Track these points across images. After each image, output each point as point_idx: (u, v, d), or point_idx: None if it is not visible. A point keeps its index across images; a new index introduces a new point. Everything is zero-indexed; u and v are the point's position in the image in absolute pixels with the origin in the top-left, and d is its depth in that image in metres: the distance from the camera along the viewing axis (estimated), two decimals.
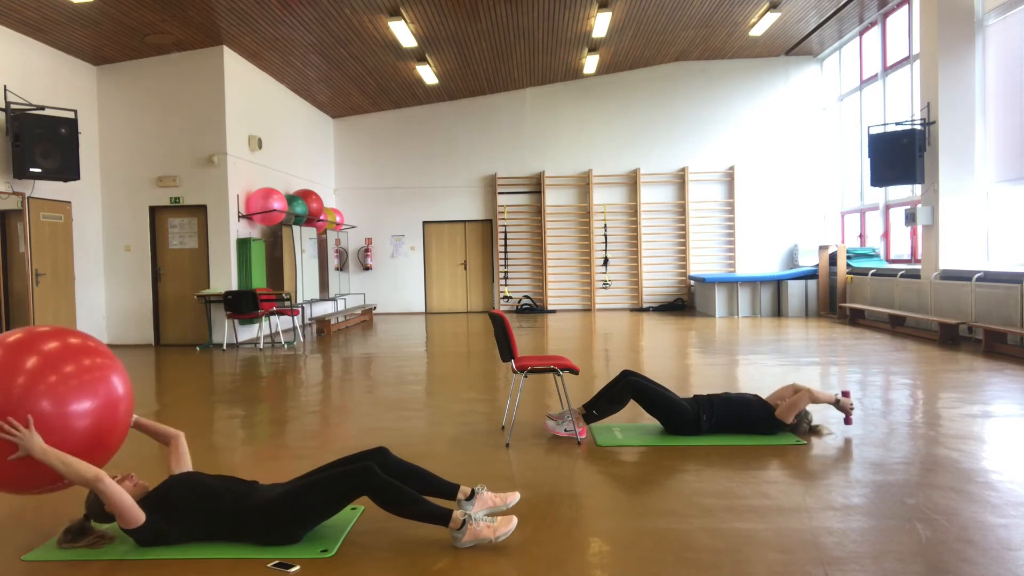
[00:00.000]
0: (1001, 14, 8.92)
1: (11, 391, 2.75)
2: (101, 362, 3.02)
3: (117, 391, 3.03)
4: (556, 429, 4.64)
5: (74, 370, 2.89)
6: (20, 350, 2.85)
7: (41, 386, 2.79)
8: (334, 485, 2.93)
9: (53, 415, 2.78)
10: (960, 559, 2.72)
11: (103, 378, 2.98)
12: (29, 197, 8.89)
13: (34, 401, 2.76)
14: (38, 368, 2.82)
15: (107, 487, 2.79)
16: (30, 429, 2.72)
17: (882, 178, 9.98)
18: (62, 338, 2.99)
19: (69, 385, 2.85)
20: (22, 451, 2.72)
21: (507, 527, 2.90)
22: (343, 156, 15.52)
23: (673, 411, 4.55)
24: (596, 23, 11.02)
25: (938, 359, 7.58)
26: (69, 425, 2.82)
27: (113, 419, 2.99)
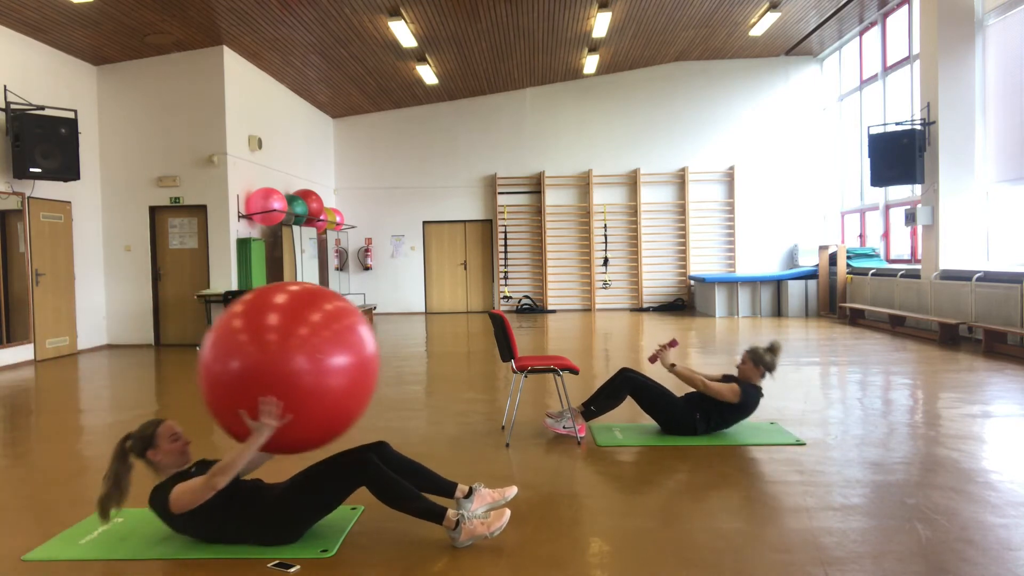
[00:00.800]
0: (1001, 14, 8.92)
1: (265, 349, 2.73)
2: (353, 320, 3.00)
3: (370, 347, 3.03)
4: (555, 426, 4.64)
5: (328, 326, 2.88)
6: (272, 307, 2.86)
7: (294, 341, 2.77)
8: (333, 477, 2.93)
9: (310, 372, 2.76)
10: (960, 559, 2.72)
11: (357, 333, 2.97)
12: (29, 197, 8.89)
13: (290, 358, 2.74)
14: (292, 325, 2.81)
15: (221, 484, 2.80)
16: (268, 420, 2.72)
17: (882, 178, 9.98)
18: (313, 295, 2.99)
19: (323, 339, 2.83)
20: (268, 430, 2.72)
21: (500, 521, 2.91)
22: (343, 156, 15.52)
23: (669, 409, 4.55)
24: (596, 23, 11.02)
25: (938, 359, 7.58)
26: (325, 383, 2.80)
27: (368, 376, 2.99)
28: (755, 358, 4.54)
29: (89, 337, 10.14)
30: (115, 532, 3.15)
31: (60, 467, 4.25)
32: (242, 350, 2.76)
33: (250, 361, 2.74)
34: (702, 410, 4.52)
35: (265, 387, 2.71)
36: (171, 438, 2.98)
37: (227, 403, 2.79)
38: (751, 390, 4.51)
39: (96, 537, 3.09)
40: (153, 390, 6.88)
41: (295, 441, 2.88)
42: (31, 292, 8.92)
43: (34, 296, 8.97)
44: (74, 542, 3.04)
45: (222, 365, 2.78)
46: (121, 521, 3.28)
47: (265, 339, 2.77)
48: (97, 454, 4.53)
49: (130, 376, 7.72)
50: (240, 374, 2.74)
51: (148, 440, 2.96)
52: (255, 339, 2.77)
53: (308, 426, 2.83)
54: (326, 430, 2.92)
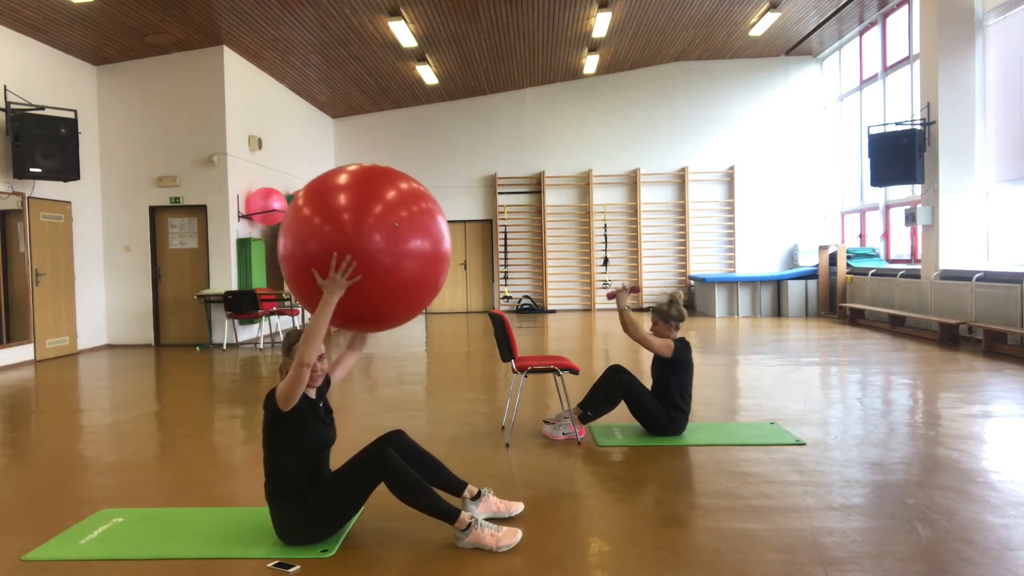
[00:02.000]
0: (1001, 14, 8.92)
1: (342, 229, 2.74)
2: (430, 206, 2.98)
3: (445, 234, 3.02)
4: (554, 434, 4.63)
5: (407, 208, 2.87)
6: (345, 188, 2.85)
7: (370, 219, 2.77)
8: (355, 474, 2.93)
9: (386, 252, 2.77)
10: (960, 559, 2.72)
11: (433, 218, 2.96)
12: (29, 197, 8.89)
13: (368, 237, 2.74)
14: (369, 205, 2.80)
15: (306, 372, 2.80)
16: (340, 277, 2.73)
17: (882, 178, 9.98)
18: (392, 178, 2.96)
19: (404, 223, 2.82)
20: (340, 289, 2.74)
21: (511, 540, 2.90)
22: (343, 156, 15.52)
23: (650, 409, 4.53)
24: (596, 23, 11.02)
25: (938, 359, 7.58)
26: (401, 265, 2.81)
27: (442, 262, 2.99)
28: (661, 316, 4.60)
29: (89, 337, 10.14)
30: (115, 532, 3.15)
31: (60, 467, 4.25)
32: (319, 232, 2.76)
33: (330, 240, 2.74)
34: (665, 400, 4.53)
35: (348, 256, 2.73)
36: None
37: (310, 282, 2.80)
38: (679, 344, 4.58)
39: (96, 537, 3.09)
40: (153, 390, 6.88)
41: (366, 311, 2.87)
42: (31, 292, 8.92)
43: (34, 296, 8.97)
44: (74, 542, 3.04)
45: (302, 249, 2.79)
46: (121, 521, 3.28)
47: (341, 218, 2.76)
48: (97, 454, 4.53)
49: (130, 376, 7.72)
50: (318, 253, 2.75)
51: (291, 344, 3.01)
52: (331, 219, 2.77)
53: (381, 296, 2.82)
54: (399, 303, 2.90)
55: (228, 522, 3.22)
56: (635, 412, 4.59)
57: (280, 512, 2.92)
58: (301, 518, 2.91)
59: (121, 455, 4.47)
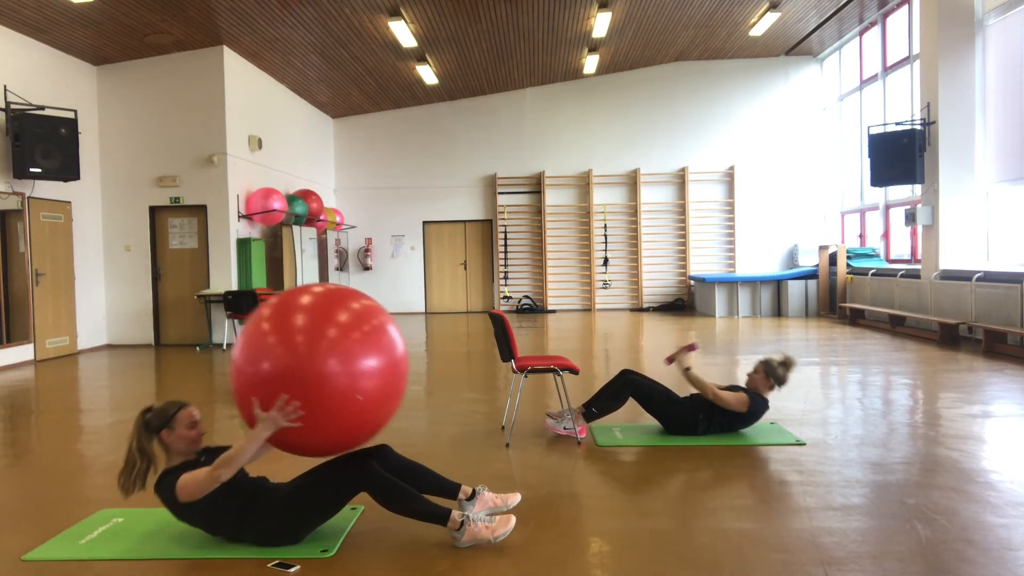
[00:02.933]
0: (1001, 14, 8.92)
1: (295, 352, 2.76)
2: (382, 320, 3.01)
3: (399, 348, 3.04)
4: (556, 427, 4.64)
5: (358, 327, 2.90)
6: (301, 309, 2.89)
7: (324, 343, 2.79)
8: (335, 483, 2.92)
9: (341, 374, 2.79)
10: (960, 559, 2.72)
11: (387, 334, 2.99)
12: (29, 197, 8.89)
13: (322, 361, 2.76)
14: (323, 327, 2.83)
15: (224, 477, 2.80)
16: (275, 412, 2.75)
17: (882, 178, 9.98)
18: (342, 296, 3.01)
19: (353, 341, 2.85)
20: (269, 422, 2.76)
21: (505, 527, 2.90)
22: (343, 156, 15.52)
23: (672, 410, 4.56)
24: (596, 23, 11.02)
25: (938, 359, 7.58)
26: (357, 385, 2.83)
27: (398, 377, 3.02)
28: (767, 370, 4.55)
29: (89, 337, 10.14)
30: (115, 532, 3.15)
31: (60, 467, 4.25)
32: (272, 352, 2.79)
33: (280, 363, 2.77)
34: (705, 411, 4.53)
35: (295, 389, 2.74)
36: (189, 424, 2.95)
37: (252, 402, 2.84)
38: (758, 400, 4.53)
39: (96, 537, 3.09)
40: (153, 390, 6.88)
41: (322, 442, 2.90)
42: (31, 292, 8.92)
43: (34, 296, 8.97)
44: (74, 542, 3.04)
45: (253, 367, 2.82)
46: (121, 521, 3.28)
47: (294, 341, 2.79)
48: (97, 454, 4.53)
49: (130, 376, 7.72)
50: (270, 376, 2.78)
51: (167, 420, 2.95)
52: (284, 341, 2.80)
53: (335, 429, 2.86)
54: (353, 434, 2.94)
55: None
56: (650, 410, 4.61)
57: (242, 538, 2.94)
58: (265, 529, 2.92)
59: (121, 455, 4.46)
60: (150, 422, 2.95)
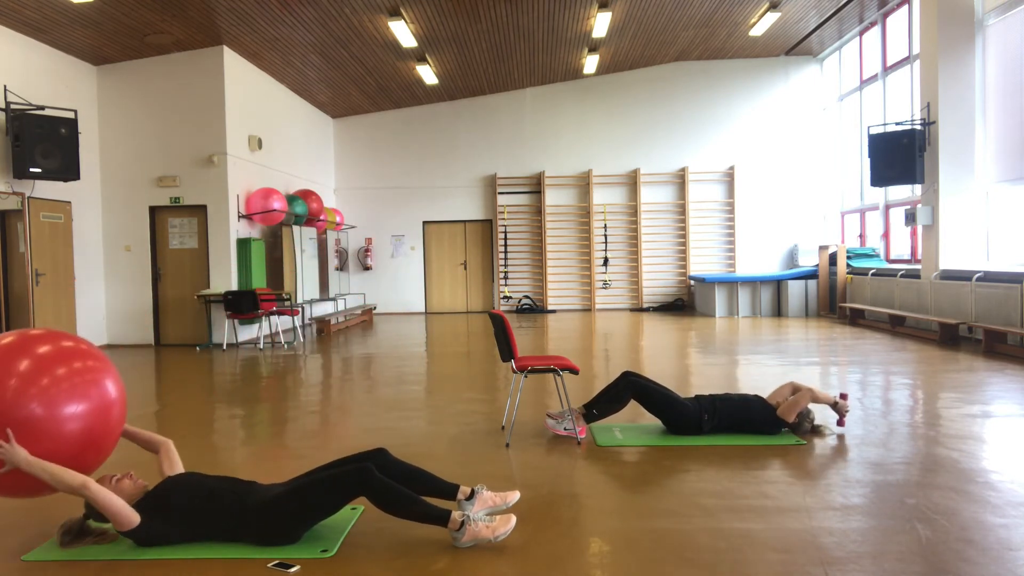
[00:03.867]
0: (1001, 14, 8.92)
1: (2, 395, 2.73)
2: (93, 365, 3.00)
3: (110, 395, 3.02)
4: (556, 428, 4.64)
5: (66, 373, 2.87)
6: (11, 353, 2.84)
7: (32, 389, 2.77)
8: (331, 486, 2.92)
9: (44, 418, 2.77)
10: (960, 559, 2.72)
11: (95, 381, 2.97)
12: (29, 197, 8.89)
13: (25, 404, 2.74)
14: (29, 371, 2.80)
15: (94, 493, 2.79)
16: (11, 443, 2.71)
17: (882, 178, 9.98)
18: (54, 341, 2.97)
19: (61, 388, 2.83)
20: (8, 465, 2.72)
21: (506, 526, 2.90)
22: (343, 156, 15.52)
23: (675, 410, 4.56)
24: (596, 23, 11.02)
25: (938, 359, 7.58)
26: (60, 429, 2.81)
27: (106, 423, 2.98)
28: (802, 414, 4.54)
29: (89, 337, 10.14)
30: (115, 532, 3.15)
31: None
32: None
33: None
34: (710, 411, 4.54)
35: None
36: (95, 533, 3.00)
37: None
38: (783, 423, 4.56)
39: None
40: (153, 390, 6.88)
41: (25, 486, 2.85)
42: (31, 292, 8.91)
43: (34, 296, 8.97)
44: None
45: None
46: None
47: (5, 384, 2.74)
48: None
49: (130, 376, 7.72)
50: None
51: (83, 530, 3.01)
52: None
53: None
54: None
55: None
56: (654, 411, 4.61)
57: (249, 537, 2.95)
58: (264, 531, 2.93)
59: (121, 455, 4.47)
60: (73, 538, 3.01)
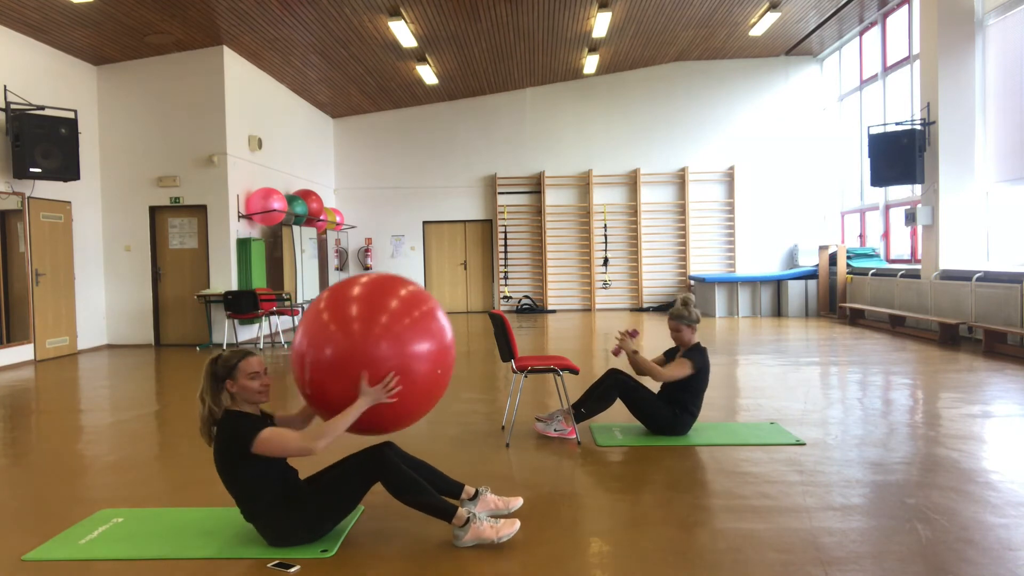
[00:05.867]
0: (1001, 14, 8.92)
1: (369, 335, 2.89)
2: (431, 307, 3.15)
3: (448, 335, 3.18)
4: (545, 430, 4.64)
5: (415, 316, 3.03)
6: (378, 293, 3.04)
7: (396, 327, 2.95)
8: (351, 474, 2.94)
9: (396, 356, 2.92)
10: (960, 559, 2.72)
11: (439, 323, 3.13)
12: (29, 197, 8.89)
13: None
14: (393, 314, 2.98)
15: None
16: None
17: (882, 178, 9.98)
18: (402, 287, 3.14)
19: (415, 329, 3.00)
20: (372, 397, 2.87)
21: (510, 529, 2.91)
22: (343, 156, 15.52)
23: (657, 411, 4.54)
24: (596, 23, 11.02)
25: (938, 359, 7.58)
26: (412, 366, 2.96)
27: (448, 361, 3.16)
28: (680, 319, 4.57)
29: (89, 337, 10.14)
30: (115, 532, 3.15)
31: (60, 467, 4.25)
32: (332, 338, 2.92)
33: (342, 348, 2.90)
34: (667, 399, 4.54)
35: (358, 369, 2.88)
36: (250, 375, 2.93)
37: (324, 380, 2.92)
38: (696, 354, 4.55)
39: (96, 537, 3.09)
40: (153, 390, 6.88)
41: (379, 420, 3.00)
42: (31, 292, 8.92)
43: (34, 296, 8.97)
44: (74, 542, 3.04)
45: (317, 351, 2.93)
46: (121, 521, 3.28)
47: (351, 328, 2.92)
48: (97, 454, 4.53)
49: (130, 376, 7.72)
50: (333, 359, 2.89)
51: (230, 370, 2.94)
52: (343, 328, 2.93)
53: (395, 407, 2.97)
54: (408, 412, 3.06)
55: (228, 522, 3.22)
56: (634, 412, 4.59)
57: (267, 526, 2.92)
58: (291, 524, 2.91)
59: (121, 455, 4.47)
60: (216, 371, 2.94)
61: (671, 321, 4.64)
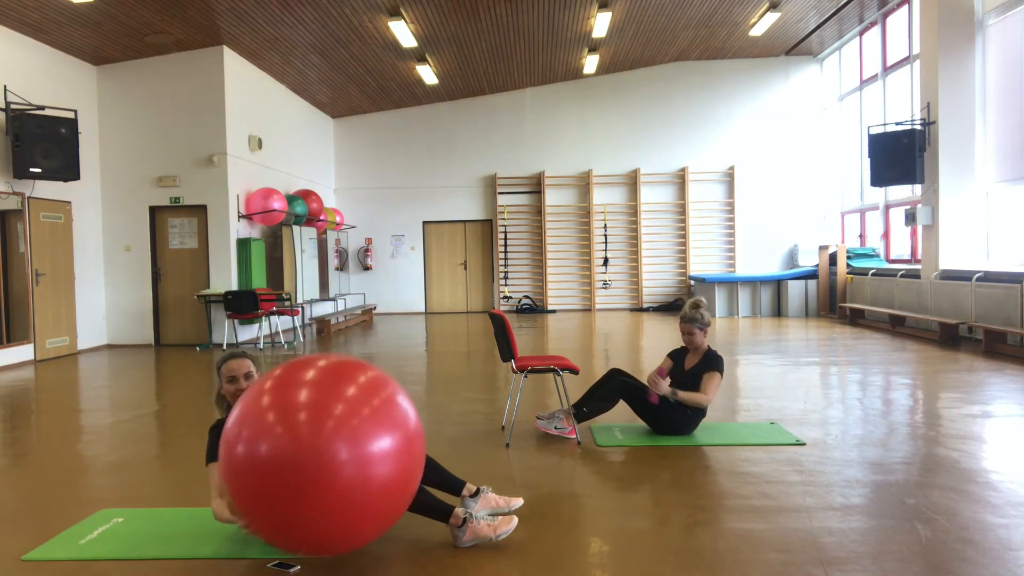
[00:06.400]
0: (1001, 14, 8.92)
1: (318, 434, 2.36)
2: (391, 394, 2.64)
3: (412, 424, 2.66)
4: (546, 427, 4.64)
5: (371, 409, 2.52)
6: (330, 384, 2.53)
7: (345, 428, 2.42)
8: None
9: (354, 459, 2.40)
10: (960, 559, 2.72)
11: (401, 412, 2.62)
12: (29, 197, 8.89)
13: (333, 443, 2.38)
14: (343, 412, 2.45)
15: None
16: None
17: (882, 178, 9.98)
18: (357, 372, 2.63)
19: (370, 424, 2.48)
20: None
21: (507, 526, 2.91)
22: (343, 156, 15.52)
23: (660, 413, 4.54)
24: (596, 23, 11.02)
25: (938, 359, 7.58)
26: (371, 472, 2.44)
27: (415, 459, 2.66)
28: (695, 323, 4.59)
29: (89, 337, 10.14)
30: (115, 532, 3.15)
31: (60, 467, 4.25)
32: (271, 433, 2.36)
33: (282, 448, 2.35)
34: (677, 403, 4.53)
35: (301, 479, 2.32)
36: (228, 379, 2.93)
37: (249, 491, 2.43)
38: (718, 361, 4.58)
39: (96, 537, 3.09)
40: (153, 390, 6.88)
41: (337, 539, 2.50)
42: (31, 292, 8.91)
43: (34, 296, 8.97)
44: (74, 542, 3.04)
45: (250, 448, 2.39)
46: (121, 521, 3.28)
47: (296, 419, 2.37)
48: (97, 454, 4.53)
49: (130, 376, 7.72)
50: (269, 461, 2.35)
51: (217, 370, 2.99)
52: (284, 420, 2.37)
53: (352, 523, 2.46)
54: (370, 527, 2.53)
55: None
56: (639, 412, 4.60)
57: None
58: None
59: (121, 455, 4.47)
60: (219, 365, 2.98)
61: (684, 324, 4.64)
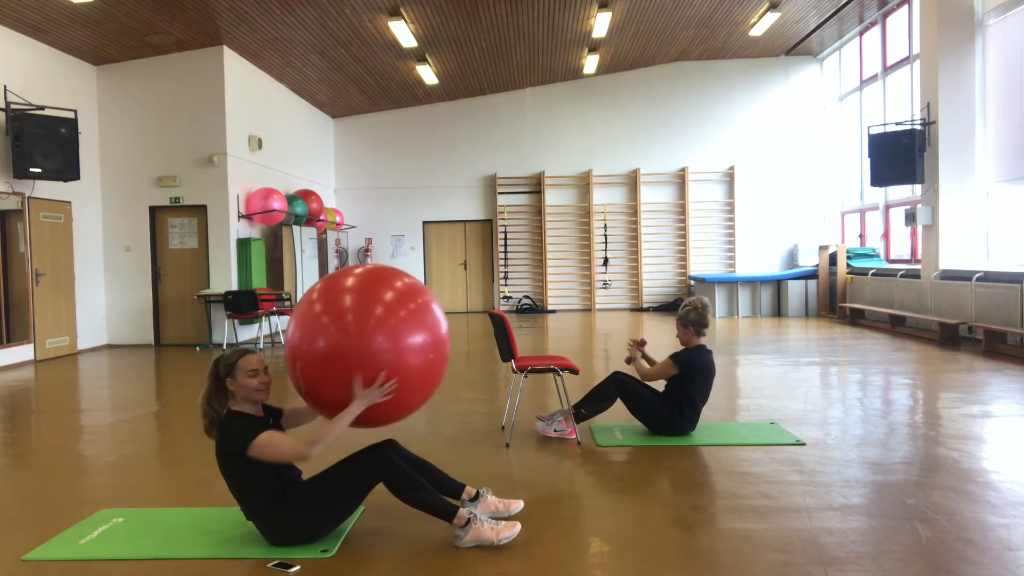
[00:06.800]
0: (1001, 14, 8.92)
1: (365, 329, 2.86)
2: (426, 299, 3.13)
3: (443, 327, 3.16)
4: (545, 430, 4.64)
5: (410, 309, 3.02)
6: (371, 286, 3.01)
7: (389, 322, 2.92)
8: (352, 474, 2.94)
9: (391, 350, 2.89)
10: (960, 559, 2.72)
11: (433, 314, 3.11)
12: (29, 197, 8.89)
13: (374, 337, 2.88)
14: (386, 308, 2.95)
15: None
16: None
17: (882, 178, 9.98)
18: (395, 279, 3.12)
19: (408, 321, 2.97)
20: (367, 399, 2.85)
21: (511, 531, 2.91)
22: (343, 156, 15.52)
23: (659, 413, 4.54)
24: (596, 23, 11.02)
25: (938, 359, 7.58)
26: (405, 360, 2.94)
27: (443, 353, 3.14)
28: (682, 322, 4.65)
29: (89, 337, 10.14)
30: (115, 532, 3.15)
31: (60, 467, 4.25)
32: (326, 331, 2.88)
33: (335, 342, 2.86)
34: (673, 403, 4.54)
35: (351, 366, 2.84)
36: (249, 373, 2.91)
37: (319, 377, 2.90)
38: (686, 356, 4.57)
39: (96, 537, 3.09)
40: (153, 390, 6.88)
41: (375, 415, 2.97)
42: (31, 292, 8.91)
43: (34, 296, 8.97)
44: (74, 542, 3.04)
45: (310, 345, 2.90)
46: (121, 521, 3.28)
47: (344, 320, 2.88)
48: (97, 454, 4.53)
49: (130, 376, 7.72)
50: (327, 354, 2.86)
51: (230, 367, 2.93)
52: (336, 321, 2.89)
53: (390, 402, 2.95)
54: (405, 405, 3.04)
55: (228, 522, 3.22)
56: (635, 412, 4.60)
57: (267, 524, 2.92)
58: (291, 524, 2.91)
59: (121, 455, 4.47)
60: (219, 371, 2.94)
61: (677, 321, 4.74)
